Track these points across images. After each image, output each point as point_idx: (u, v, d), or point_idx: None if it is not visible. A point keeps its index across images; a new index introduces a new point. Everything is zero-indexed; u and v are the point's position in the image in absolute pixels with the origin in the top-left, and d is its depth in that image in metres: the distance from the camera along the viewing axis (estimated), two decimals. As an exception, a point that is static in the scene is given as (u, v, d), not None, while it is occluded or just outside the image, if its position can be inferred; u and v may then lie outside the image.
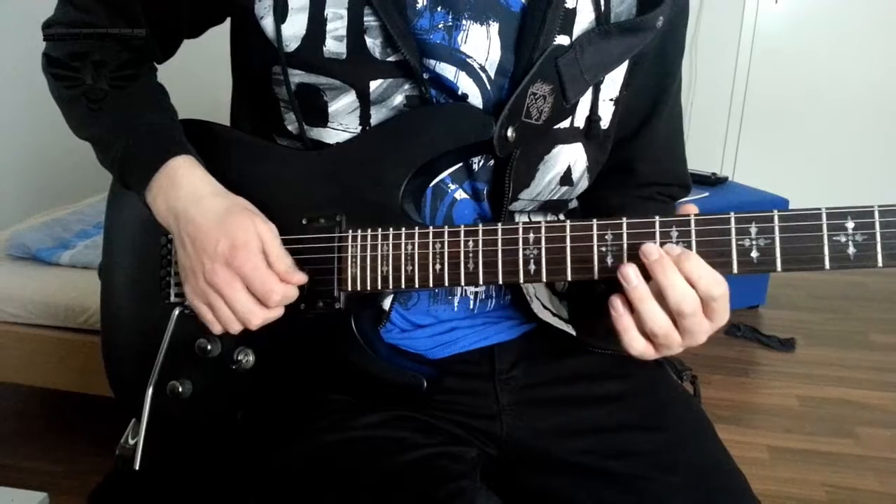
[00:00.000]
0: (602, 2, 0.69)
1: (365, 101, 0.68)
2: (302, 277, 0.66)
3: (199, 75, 2.01)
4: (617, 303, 0.58)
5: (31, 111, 2.84)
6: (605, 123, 0.74)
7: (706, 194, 2.49)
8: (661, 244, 0.57)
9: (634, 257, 0.57)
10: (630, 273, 0.56)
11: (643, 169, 0.80)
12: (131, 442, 0.74)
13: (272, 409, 0.74)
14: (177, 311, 0.72)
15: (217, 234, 0.64)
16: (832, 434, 1.91)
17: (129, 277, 0.79)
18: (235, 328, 0.65)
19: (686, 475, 0.68)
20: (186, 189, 0.67)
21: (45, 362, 1.64)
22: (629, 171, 0.80)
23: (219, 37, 0.80)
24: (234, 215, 0.65)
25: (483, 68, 0.68)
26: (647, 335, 0.58)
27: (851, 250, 0.52)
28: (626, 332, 0.58)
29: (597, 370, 0.77)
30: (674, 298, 0.55)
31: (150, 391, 0.71)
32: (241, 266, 0.63)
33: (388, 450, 0.69)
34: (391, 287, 0.65)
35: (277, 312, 0.65)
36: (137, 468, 0.70)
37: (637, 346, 0.58)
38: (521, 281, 0.61)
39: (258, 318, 0.64)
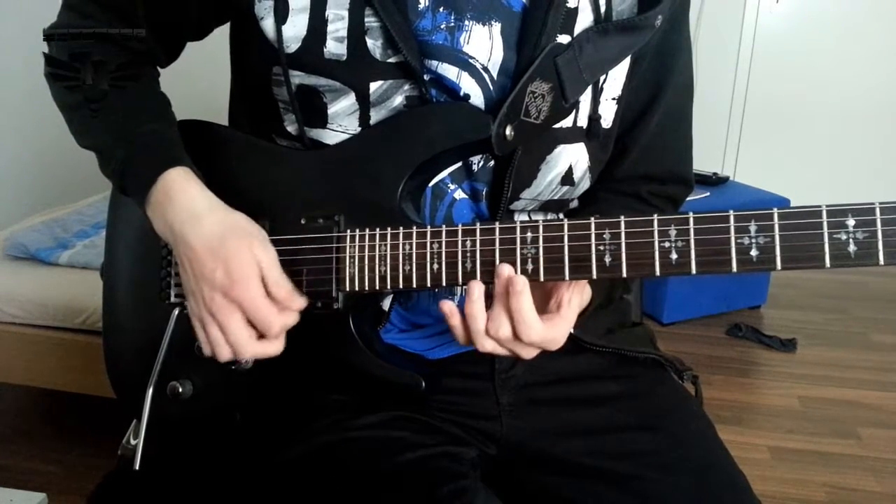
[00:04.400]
0: (603, 1, 0.69)
1: (365, 103, 0.67)
2: (302, 302, 0.65)
3: (198, 75, 2.00)
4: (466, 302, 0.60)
5: (31, 111, 2.84)
6: (607, 123, 0.73)
7: (707, 194, 2.49)
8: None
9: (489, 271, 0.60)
10: (475, 290, 0.60)
11: (630, 158, 0.78)
12: (133, 442, 0.74)
13: (271, 410, 0.74)
14: (177, 311, 0.72)
15: (213, 261, 0.62)
16: (833, 435, 1.91)
17: (130, 277, 0.79)
18: (225, 356, 0.64)
19: (687, 476, 0.68)
20: (181, 205, 0.65)
21: (43, 362, 1.64)
22: (615, 162, 0.78)
23: (218, 37, 0.79)
24: (229, 241, 0.63)
25: (486, 69, 0.67)
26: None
27: (852, 248, 0.51)
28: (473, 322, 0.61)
29: (597, 370, 0.77)
30: (492, 327, 0.59)
31: (150, 391, 0.71)
32: (240, 299, 0.62)
33: (388, 450, 0.69)
34: (389, 287, 0.65)
35: (275, 348, 0.64)
36: (137, 468, 0.70)
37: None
38: (519, 280, 0.61)
39: (249, 350, 0.63)
